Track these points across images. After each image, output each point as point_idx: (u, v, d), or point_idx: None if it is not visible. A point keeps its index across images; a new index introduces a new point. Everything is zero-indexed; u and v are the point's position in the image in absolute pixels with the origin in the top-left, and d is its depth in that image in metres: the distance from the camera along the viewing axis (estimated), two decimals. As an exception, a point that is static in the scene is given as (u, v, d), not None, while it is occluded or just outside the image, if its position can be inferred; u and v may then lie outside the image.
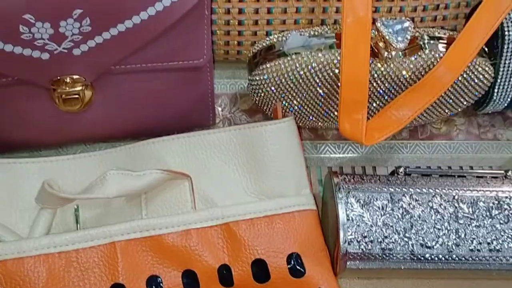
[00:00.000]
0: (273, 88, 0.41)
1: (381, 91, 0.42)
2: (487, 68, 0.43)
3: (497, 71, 0.45)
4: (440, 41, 0.41)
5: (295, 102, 0.42)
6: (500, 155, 0.49)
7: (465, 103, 0.46)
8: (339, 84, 0.39)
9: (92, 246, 0.36)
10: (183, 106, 0.43)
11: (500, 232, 0.40)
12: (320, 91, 0.41)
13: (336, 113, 0.43)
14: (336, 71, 0.40)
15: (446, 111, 0.46)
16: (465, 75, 0.43)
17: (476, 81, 0.43)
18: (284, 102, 0.42)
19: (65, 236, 0.36)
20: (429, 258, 0.39)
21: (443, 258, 0.39)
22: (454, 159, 0.48)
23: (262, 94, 0.42)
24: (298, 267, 0.38)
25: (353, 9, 0.39)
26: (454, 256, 0.39)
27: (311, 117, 0.44)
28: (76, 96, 0.40)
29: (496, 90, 0.46)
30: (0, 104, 0.41)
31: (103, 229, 0.37)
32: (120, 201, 0.39)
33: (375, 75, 0.41)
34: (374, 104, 0.44)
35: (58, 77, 0.39)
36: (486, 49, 0.44)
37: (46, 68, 0.38)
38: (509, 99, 0.47)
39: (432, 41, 0.41)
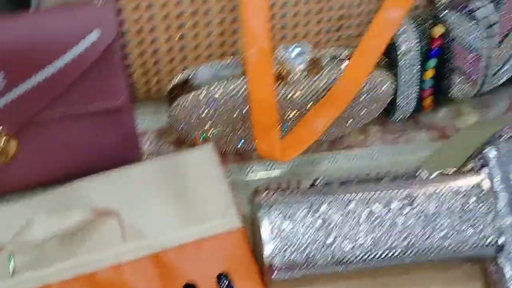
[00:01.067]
0: (189, 120, 0.44)
1: (293, 111, 0.45)
2: (386, 79, 0.47)
3: (397, 81, 0.49)
4: (342, 59, 0.45)
5: (214, 129, 0.45)
6: (414, 156, 0.53)
7: (373, 113, 0.50)
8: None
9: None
10: (109, 147, 0.45)
11: (412, 228, 0.44)
12: (234, 116, 0.44)
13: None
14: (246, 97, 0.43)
15: (357, 122, 0.50)
16: (367, 87, 0.47)
17: (378, 91, 0.47)
18: (204, 130, 0.45)
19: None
20: (350, 261, 0.42)
21: (363, 259, 0.42)
22: (373, 165, 0.52)
23: (181, 126, 0.45)
24: (228, 286, 0.40)
25: (254, 41, 0.42)
26: (372, 256, 0.42)
27: (232, 142, 0.47)
28: (-1, 148, 0.41)
29: (398, 98, 0.50)
30: None
31: (36, 273, 0.38)
32: (53, 243, 0.41)
33: (284, 97, 0.44)
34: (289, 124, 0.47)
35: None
36: (387, 59, 0.49)
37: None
38: (413, 105, 0.52)
39: (334, 60, 0.45)
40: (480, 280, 0.47)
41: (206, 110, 0.43)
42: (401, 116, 0.52)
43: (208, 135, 0.45)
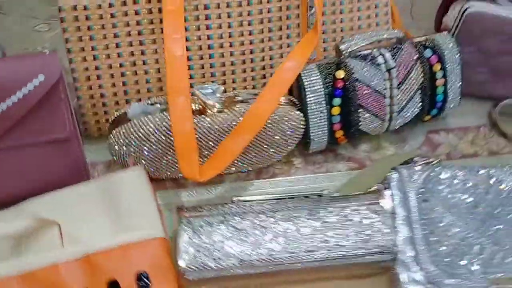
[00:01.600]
0: (124, 147, 0.52)
1: (212, 139, 0.54)
2: (294, 114, 0.55)
3: (307, 116, 0.58)
4: (251, 98, 0.54)
5: (146, 155, 0.54)
6: (332, 183, 0.60)
7: (288, 146, 0.58)
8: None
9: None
10: (59, 173, 0.54)
11: (314, 237, 0.50)
12: (161, 146, 0.53)
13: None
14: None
15: (274, 154, 0.58)
16: (278, 123, 0.55)
17: (289, 126, 0.56)
18: (136, 156, 0.54)
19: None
20: (255, 263, 0.49)
21: (264, 261, 0.49)
22: (294, 191, 0.59)
23: (118, 153, 0.53)
24: (144, 283, 0.47)
25: (174, 86, 0.51)
26: (274, 258, 0.49)
27: (164, 167, 0.55)
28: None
29: (311, 131, 0.58)
30: None
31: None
32: (2, 245, 0.48)
33: (204, 129, 0.53)
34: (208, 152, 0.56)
35: None
36: (296, 101, 0.57)
37: None
38: (326, 137, 0.59)
39: (246, 97, 0.54)
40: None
41: (136, 140, 0.52)
42: (317, 147, 0.60)
43: (140, 160, 0.53)
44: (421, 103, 0.61)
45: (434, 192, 0.56)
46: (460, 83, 0.62)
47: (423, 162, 0.60)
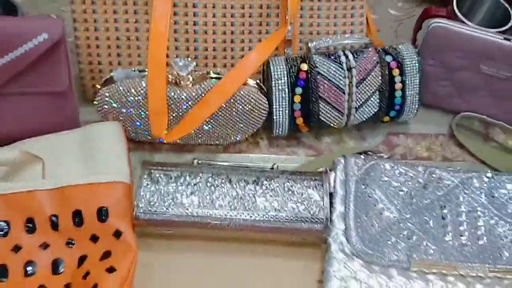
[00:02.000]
0: (106, 105, 0.61)
1: (183, 107, 0.62)
2: (259, 96, 0.63)
3: (272, 101, 0.65)
4: (220, 76, 0.62)
5: (124, 113, 0.62)
6: (289, 165, 0.67)
7: (252, 125, 0.66)
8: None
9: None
10: (53, 123, 0.62)
11: (255, 201, 0.57)
12: (137, 106, 0.62)
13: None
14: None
15: (239, 131, 0.66)
16: (244, 104, 0.63)
17: (252, 105, 0.63)
18: (118, 115, 0.62)
19: None
20: (200, 215, 0.56)
21: (209, 215, 0.56)
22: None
23: (103, 110, 0.62)
24: (104, 216, 0.55)
25: (154, 56, 0.60)
26: (218, 213, 0.57)
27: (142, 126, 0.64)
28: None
29: (274, 115, 0.66)
30: None
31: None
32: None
33: (177, 97, 0.61)
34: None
35: None
36: (263, 86, 0.65)
37: None
38: (287, 122, 0.67)
39: (216, 76, 0.62)
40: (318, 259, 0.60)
41: (119, 98, 0.61)
42: (280, 131, 0.68)
43: (119, 118, 0.62)
44: (378, 104, 0.68)
45: (375, 179, 0.62)
46: (419, 90, 0.69)
47: (375, 156, 0.67)
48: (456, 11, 0.74)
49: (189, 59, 0.61)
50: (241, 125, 0.66)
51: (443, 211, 0.61)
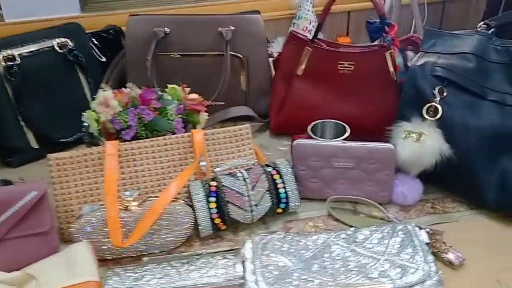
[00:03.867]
0: (78, 235, 0.87)
1: (132, 224, 0.89)
2: (185, 207, 0.91)
3: (195, 211, 0.93)
4: (154, 200, 0.90)
5: (90, 236, 0.88)
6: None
7: (184, 232, 0.92)
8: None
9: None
10: (41, 254, 0.87)
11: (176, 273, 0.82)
12: (99, 230, 0.88)
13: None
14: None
15: (175, 239, 0.92)
16: (174, 214, 0.90)
17: (181, 216, 0.91)
18: (87, 238, 0.88)
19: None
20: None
21: None
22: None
23: (77, 238, 0.88)
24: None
25: (107, 191, 0.89)
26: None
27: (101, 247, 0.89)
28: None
29: (198, 220, 0.93)
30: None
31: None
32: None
33: (127, 217, 0.88)
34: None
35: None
36: (189, 202, 0.94)
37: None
38: (209, 224, 0.93)
39: (153, 199, 0.90)
40: None
41: (84, 227, 0.88)
42: (206, 232, 0.95)
43: (88, 240, 0.88)
44: (270, 200, 0.98)
45: (274, 247, 0.88)
46: (296, 187, 0.99)
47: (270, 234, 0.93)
48: (310, 133, 1.09)
49: (133, 189, 0.90)
50: (174, 233, 0.93)
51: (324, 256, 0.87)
